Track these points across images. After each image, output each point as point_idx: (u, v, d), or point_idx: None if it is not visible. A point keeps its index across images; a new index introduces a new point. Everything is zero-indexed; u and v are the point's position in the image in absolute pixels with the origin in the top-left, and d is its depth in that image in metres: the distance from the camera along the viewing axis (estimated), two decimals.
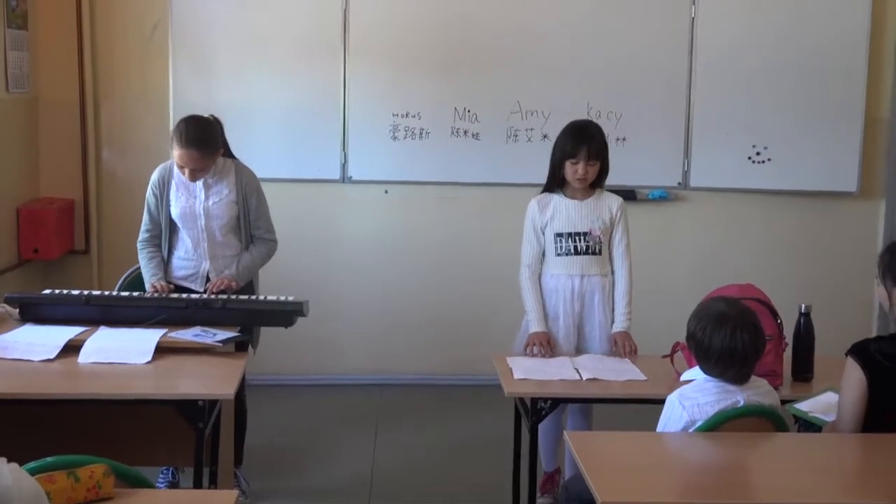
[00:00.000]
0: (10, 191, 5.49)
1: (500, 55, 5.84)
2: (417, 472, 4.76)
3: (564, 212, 4.12)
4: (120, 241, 5.81)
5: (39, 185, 5.83)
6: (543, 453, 4.23)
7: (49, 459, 2.46)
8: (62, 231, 5.69)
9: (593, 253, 4.11)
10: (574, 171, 4.04)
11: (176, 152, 4.11)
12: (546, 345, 4.01)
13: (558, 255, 4.12)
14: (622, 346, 4.05)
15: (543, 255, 4.17)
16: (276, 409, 5.41)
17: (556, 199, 4.14)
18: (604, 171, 4.14)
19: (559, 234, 4.11)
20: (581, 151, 4.02)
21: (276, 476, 4.61)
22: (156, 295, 4.12)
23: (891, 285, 3.12)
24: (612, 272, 4.17)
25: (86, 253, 5.88)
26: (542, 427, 3.78)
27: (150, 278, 4.24)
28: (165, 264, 4.32)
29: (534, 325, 4.09)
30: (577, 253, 4.10)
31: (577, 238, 4.10)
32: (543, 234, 4.15)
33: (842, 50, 5.90)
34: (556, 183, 4.15)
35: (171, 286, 4.24)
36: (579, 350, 4.15)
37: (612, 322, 4.13)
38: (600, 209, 4.13)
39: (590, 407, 4.27)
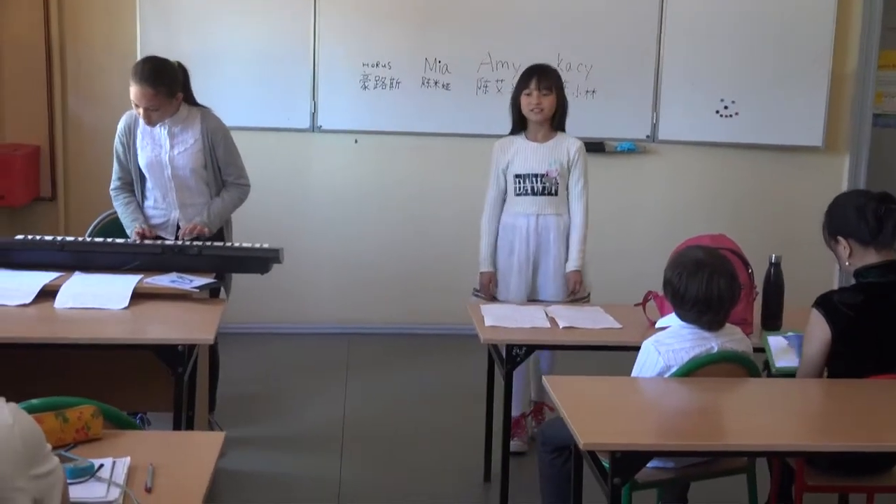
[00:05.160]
0: None
1: (472, 6, 5.83)
2: (389, 418, 4.80)
3: (524, 154, 4.31)
4: (87, 189, 5.78)
5: (4, 131, 5.75)
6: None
7: (35, 401, 2.46)
8: (29, 177, 5.62)
9: (550, 193, 4.30)
10: (528, 102, 4.25)
11: (131, 90, 4.07)
12: (486, 285, 4.36)
13: (517, 194, 4.33)
14: (572, 284, 4.30)
15: (505, 194, 4.36)
16: (247, 358, 5.42)
17: (518, 142, 4.35)
18: (561, 108, 4.30)
19: (518, 175, 4.31)
20: (532, 80, 4.24)
21: (248, 423, 4.63)
22: (139, 241, 4.09)
23: (833, 244, 3.24)
24: (569, 212, 4.34)
25: (52, 200, 5.81)
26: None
27: (132, 223, 4.22)
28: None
29: (481, 264, 4.40)
30: (534, 193, 4.30)
31: (534, 179, 4.29)
32: (505, 175, 4.34)
33: (810, 5, 5.95)
34: (517, 123, 4.35)
35: (154, 231, 4.21)
36: (534, 284, 4.35)
37: (567, 258, 4.32)
38: (559, 151, 4.31)
39: (553, 355, 4.41)
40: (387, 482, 4.12)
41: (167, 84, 4.09)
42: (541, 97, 4.23)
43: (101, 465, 2.23)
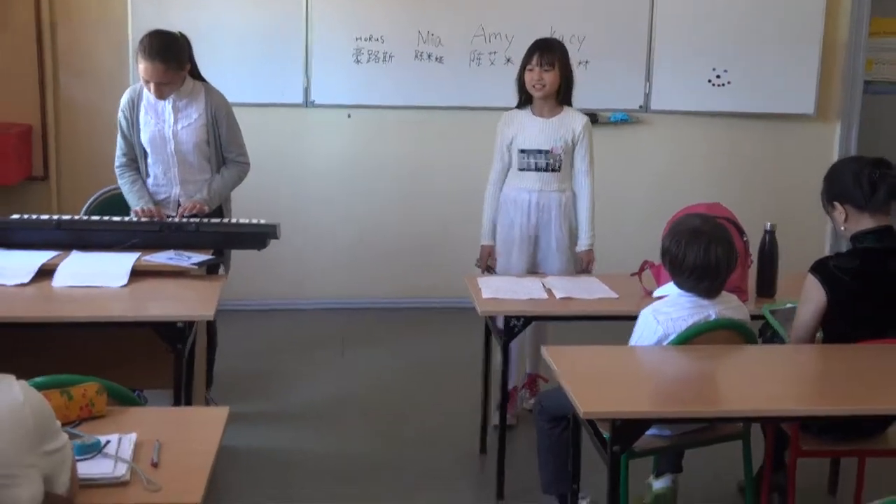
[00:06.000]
0: None
1: None
2: (386, 393, 4.83)
3: (529, 129, 4.29)
4: (79, 168, 5.78)
5: None
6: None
7: (39, 379, 2.47)
8: (20, 157, 5.60)
9: (553, 170, 4.30)
10: (530, 77, 4.24)
11: (141, 66, 4.07)
12: (486, 258, 4.39)
13: (521, 169, 4.32)
14: (586, 263, 4.33)
15: (510, 168, 4.36)
16: (243, 334, 5.43)
17: (523, 116, 4.33)
18: (566, 84, 4.28)
19: (522, 151, 4.29)
20: (534, 56, 4.22)
21: (245, 399, 4.64)
22: (134, 219, 4.09)
23: (830, 209, 3.29)
24: (573, 188, 4.35)
25: (44, 179, 5.80)
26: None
27: (138, 202, 4.22)
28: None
29: (482, 238, 4.42)
30: (537, 169, 4.30)
31: (538, 155, 4.28)
32: (509, 149, 4.32)
33: None
34: (522, 97, 4.33)
35: (159, 210, 4.21)
36: (534, 260, 4.36)
37: (568, 235, 4.34)
38: (564, 128, 4.29)
39: (545, 327, 4.42)
40: (384, 455, 4.15)
41: (177, 58, 4.09)
42: (542, 73, 4.20)
43: (108, 442, 2.25)
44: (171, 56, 4.07)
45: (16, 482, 1.79)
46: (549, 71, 4.21)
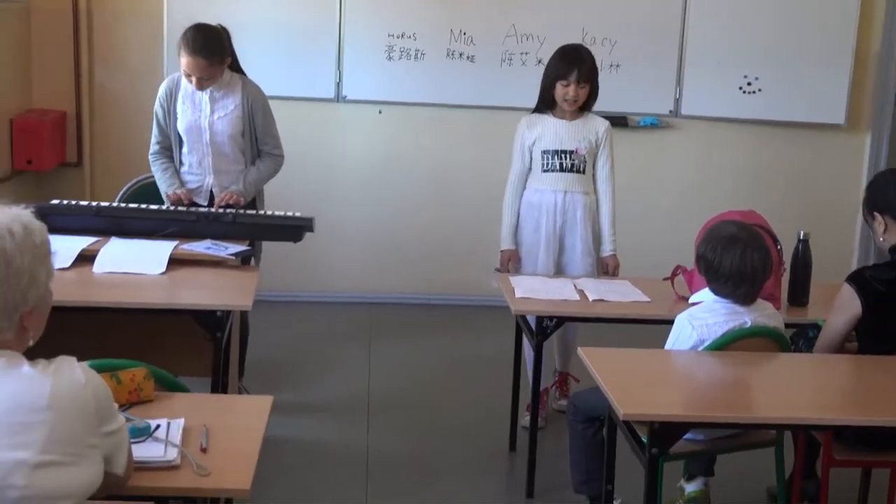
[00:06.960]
0: (2, 102, 5.42)
1: None
2: (414, 388, 4.85)
3: (553, 130, 4.29)
4: (112, 155, 5.82)
5: (32, 97, 5.77)
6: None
7: (87, 363, 2.49)
8: (55, 143, 5.65)
9: (578, 171, 4.28)
10: (565, 92, 4.21)
11: (183, 60, 4.11)
12: (507, 263, 4.33)
13: (544, 171, 4.30)
14: (612, 269, 4.31)
15: (530, 171, 4.34)
16: (273, 325, 5.45)
17: (546, 119, 4.32)
18: (592, 95, 4.28)
19: (546, 151, 4.28)
20: (572, 73, 4.19)
21: (275, 390, 4.58)
22: (172, 208, 4.13)
23: (870, 219, 3.29)
24: (595, 192, 4.34)
25: (78, 165, 5.85)
26: (530, 347, 3.90)
27: (168, 188, 4.26)
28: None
29: (503, 242, 4.38)
30: (562, 170, 4.28)
31: (563, 155, 4.27)
32: (531, 152, 4.31)
33: None
34: (545, 104, 4.31)
35: (188, 194, 4.25)
36: (560, 263, 4.34)
37: (593, 238, 4.33)
38: (588, 130, 4.30)
39: (575, 326, 4.42)
40: (413, 450, 4.17)
41: (219, 53, 4.15)
42: (578, 90, 4.20)
43: (158, 426, 2.28)
44: (214, 52, 4.11)
45: (79, 461, 1.83)
46: (584, 87, 4.22)
